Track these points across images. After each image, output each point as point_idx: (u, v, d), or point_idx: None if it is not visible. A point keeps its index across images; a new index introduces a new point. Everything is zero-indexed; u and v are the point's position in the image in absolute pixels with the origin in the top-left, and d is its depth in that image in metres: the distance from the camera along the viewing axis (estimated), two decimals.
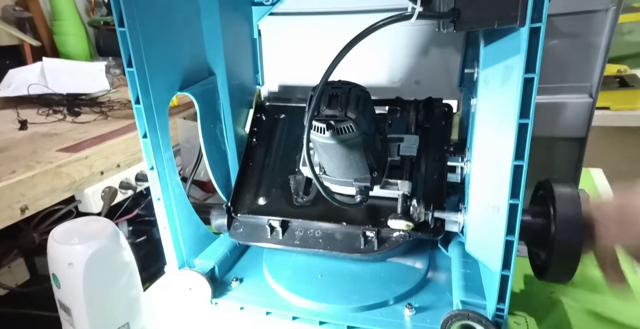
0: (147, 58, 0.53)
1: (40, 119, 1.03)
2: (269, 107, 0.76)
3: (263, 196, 0.68)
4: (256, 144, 0.73)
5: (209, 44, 0.65)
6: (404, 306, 0.58)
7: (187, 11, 0.60)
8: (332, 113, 0.49)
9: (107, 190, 0.86)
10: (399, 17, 0.42)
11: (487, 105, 0.50)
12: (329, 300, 0.59)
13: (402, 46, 0.70)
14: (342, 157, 0.55)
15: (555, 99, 0.69)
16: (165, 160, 0.58)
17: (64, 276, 0.50)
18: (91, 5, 1.59)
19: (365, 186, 0.58)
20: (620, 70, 1.33)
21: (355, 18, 0.69)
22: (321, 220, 0.63)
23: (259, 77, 0.77)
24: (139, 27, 0.51)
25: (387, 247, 0.60)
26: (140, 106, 0.53)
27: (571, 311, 0.61)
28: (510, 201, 0.47)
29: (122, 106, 1.13)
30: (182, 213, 0.62)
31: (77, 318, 0.51)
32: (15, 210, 0.69)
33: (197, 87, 0.63)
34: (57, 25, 1.44)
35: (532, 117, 0.43)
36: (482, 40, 0.50)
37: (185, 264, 0.64)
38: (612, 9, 0.64)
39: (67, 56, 1.45)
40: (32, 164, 0.75)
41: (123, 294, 0.54)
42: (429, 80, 0.71)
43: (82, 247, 0.49)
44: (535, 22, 0.41)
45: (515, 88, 0.43)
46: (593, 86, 0.69)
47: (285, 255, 0.69)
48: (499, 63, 0.47)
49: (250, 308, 0.61)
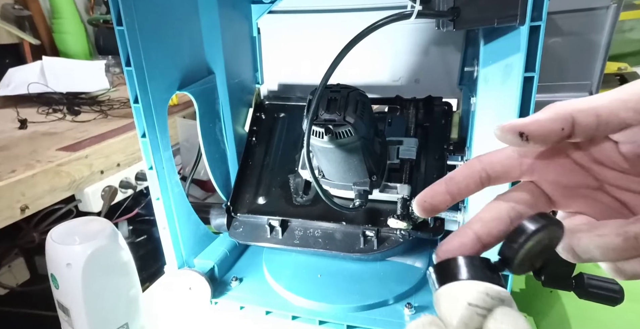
0: (146, 57, 0.52)
1: (40, 118, 1.03)
2: (268, 105, 0.76)
3: (263, 196, 0.68)
4: (256, 143, 0.73)
5: (208, 43, 0.64)
6: (403, 305, 0.58)
7: (185, 10, 0.60)
8: (330, 118, 0.49)
9: (107, 189, 0.86)
10: (399, 16, 0.41)
11: (487, 103, 0.50)
12: (328, 300, 0.59)
13: (401, 44, 0.69)
14: (340, 160, 0.55)
15: (556, 97, 0.69)
16: (164, 159, 0.58)
17: (62, 277, 0.50)
18: (90, 4, 1.58)
19: (364, 190, 0.58)
20: (621, 68, 1.33)
21: (355, 16, 0.69)
22: (321, 219, 0.63)
23: (258, 76, 0.76)
24: (138, 26, 0.50)
25: (386, 247, 0.60)
26: (139, 105, 0.53)
27: (571, 311, 0.61)
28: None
29: (122, 105, 1.13)
30: (181, 213, 0.62)
31: (76, 319, 0.51)
32: (15, 210, 0.69)
33: (196, 85, 0.62)
34: (57, 24, 1.44)
35: None
36: (482, 38, 0.50)
37: (184, 264, 0.64)
38: (613, 6, 0.64)
39: (67, 55, 1.45)
40: (32, 163, 0.75)
41: (122, 295, 0.54)
42: (429, 78, 0.71)
43: (80, 247, 0.49)
44: (535, 20, 0.41)
45: (515, 86, 0.43)
46: (593, 84, 0.68)
47: (285, 255, 0.68)
48: (498, 61, 0.47)
49: (250, 307, 0.61)
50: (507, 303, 0.22)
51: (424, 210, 0.27)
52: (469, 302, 0.21)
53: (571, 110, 0.23)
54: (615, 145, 0.24)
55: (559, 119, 0.23)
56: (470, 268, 0.23)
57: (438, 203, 0.27)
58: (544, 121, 0.24)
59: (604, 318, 0.60)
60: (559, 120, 0.23)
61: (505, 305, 0.22)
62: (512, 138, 0.24)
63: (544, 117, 0.24)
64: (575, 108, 0.23)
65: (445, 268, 0.24)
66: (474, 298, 0.21)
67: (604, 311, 0.60)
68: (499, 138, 0.25)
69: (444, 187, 0.27)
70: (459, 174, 0.27)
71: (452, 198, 0.27)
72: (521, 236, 0.22)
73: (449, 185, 0.27)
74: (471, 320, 0.21)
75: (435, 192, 0.27)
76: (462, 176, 0.27)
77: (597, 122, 0.23)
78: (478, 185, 0.27)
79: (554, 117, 0.23)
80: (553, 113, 0.24)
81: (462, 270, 0.23)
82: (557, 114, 0.23)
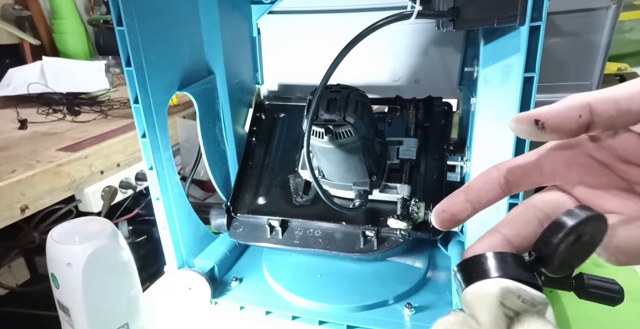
0: (146, 58, 0.52)
1: (40, 118, 1.03)
2: (268, 106, 0.76)
3: (263, 196, 0.68)
4: (256, 143, 0.73)
5: (208, 43, 0.64)
6: (403, 305, 0.58)
7: (185, 10, 0.60)
8: (330, 118, 0.49)
9: (107, 189, 0.86)
10: (399, 16, 0.41)
11: (487, 104, 0.50)
12: (328, 300, 0.59)
13: (401, 45, 0.69)
14: (340, 161, 0.55)
15: (556, 98, 0.68)
16: (164, 159, 0.58)
17: (62, 276, 0.50)
18: (91, 4, 1.58)
19: (364, 190, 0.58)
20: (621, 68, 1.33)
21: (355, 16, 0.69)
22: (321, 219, 0.63)
23: (258, 76, 0.77)
24: (138, 26, 0.50)
25: (386, 247, 0.60)
26: (139, 105, 0.53)
27: (571, 311, 0.61)
28: (509, 201, 0.47)
29: (122, 105, 1.13)
30: (181, 213, 0.62)
31: (76, 318, 0.51)
32: (15, 210, 0.69)
33: (196, 86, 0.62)
34: (57, 24, 1.44)
35: None
36: (481, 38, 0.50)
37: (184, 264, 0.64)
38: (613, 6, 0.64)
39: (67, 55, 1.45)
40: (32, 163, 0.75)
41: (122, 295, 0.54)
42: (429, 78, 0.71)
43: (80, 247, 0.49)
44: (535, 20, 0.41)
45: (515, 87, 0.43)
46: (593, 84, 0.69)
47: (285, 255, 0.69)
48: (498, 62, 0.47)
49: (250, 307, 0.61)
50: (541, 308, 0.20)
51: (443, 221, 0.25)
52: (501, 301, 0.19)
53: (587, 98, 0.22)
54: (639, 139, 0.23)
55: (575, 107, 0.22)
56: (502, 265, 0.21)
57: (457, 212, 0.25)
58: (560, 108, 0.22)
59: (604, 318, 0.60)
60: (575, 107, 0.22)
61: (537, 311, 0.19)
62: (528, 127, 0.23)
63: (559, 105, 0.23)
64: (592, 97, 0.22)
65: (474, 265, 0.22)
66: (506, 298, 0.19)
67: (604, 311, 0.60)
68: (514, 130, 0.23)
69: (463, 196, 0.26)
70: (476, 182, 0.26)
71: (472, 207, 0.25)
72: (560, 231, 0.20)
73: (467, 193, 0.26)
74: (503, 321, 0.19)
75: (453, 202, 0.25)
76: (480, 183, 0.26)
77: (617, 109, 0.22)
78: (498, 193, 0.26)
79: (570, 105, 0.22)
80: (569, 102, 0.23)
81: (493, 266, 0.21)
82: (574, 102, 0.22)
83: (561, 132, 0.22)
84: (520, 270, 0.21)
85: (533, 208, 0.25)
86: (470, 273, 0.21)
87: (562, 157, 0.25)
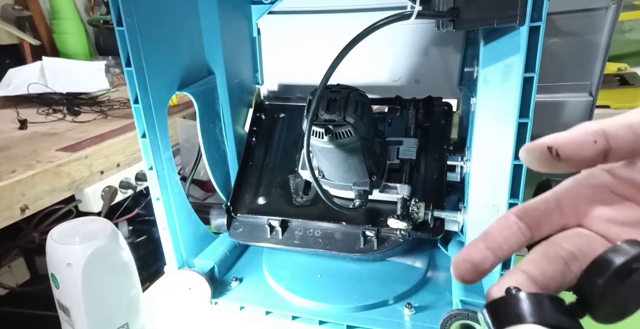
0: (146, 58, 0.52)
1: (40, 118, 1.03)
2: (268, 106, 0.76)
3: (263, 196, 0.68)
4: (256, 143, 0.73)
5: (208, 43, 0.64)
6: (403, 305, 0.58)
7: (185, 10, 0.60)
8: (330, 118, 0.49)
9: (107, 189, 0.86)
10: (398, 16, 0.42)
11: (486, 104, 0.50)
12: (328, 300, 0.59)
13: (401, 45, 0.70)
14: (340, 161, 0.55)
15: (555, 98, 0.69)
16: (164, 160, 0.58)
17: (62, 277, 0.50)
18: (91, 4, 1.58)
19: (364, 190, 0.58)
20: (621, 68, 1.33)
21: (355, 16, 0.69)
22: (321, 219, 0.63)
23: (258, 76, 0.77)
24: (138, 27, 0.50)
25: (386, 247, 0.60)
26: (139, 106, 0.53)
27: None
28: (509, 201, 0.47)
29: (122, 105, 1.13)
30: (181, 213, 0.62)
31: (76, 319, 0.51)
32: (15, 210, 0.69)
33: (196, 86, 0.62)
34: (57, 24, 1.44)
35: (531, 116, 0.43)
36: (481, 39, 0.50)
37: (184, 264, 0.64)
38: (613, 7, 0.64)
39: (67, 55, 1.45)
40: (32, 163, 0.75)
41: (122, 295, 0.54)
42: (429, 78, 0.71)
43: (80, 247, 0.49)
44: (535, 21, 0.41)
45: (514, 87, 0.43)
46: (593, 84, 0.69)
47: (285, 255, 0.69)
48: (498, 62, 0.47)
49: (250, 307, 0.61)
50: None
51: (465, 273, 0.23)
52: None
53: (600, 124, 0.21)
54: None
55: (589, 132, 0.21)
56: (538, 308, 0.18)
57: (480, 262, 0.23)
58: (574, 134, 0.21)
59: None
60: (589, 133, 0.21)
61: None
62: (540, 155, 0.21)
63: (572, 132, 0.21)
64: (605, 123, 0.21)
65: (505, 307, 0.19)
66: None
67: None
68: (525, 160, 0.22)
69: (482, 244, 0.24)
70: (494, 228, 0.25)
71: (493, 255, 0.23)
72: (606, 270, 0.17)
73: (486, 240, 0.24)
74: None
75: (472, 250, 0.24)
76: (498, 228, 0.24)
77: (633, 133, 0.20)
78: (519, 238, 0.24)
79: (583, 131, 0.21)
80: (582, 128, 0.21)
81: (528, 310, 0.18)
82: (587, 128, 0.21)
83: (577, 159, 0.21)
84: (560, 315, 0.18)
85: (555, 247, 0.23)
86: (501, 316, 0.19)
87: (581, 195, 0.24)
